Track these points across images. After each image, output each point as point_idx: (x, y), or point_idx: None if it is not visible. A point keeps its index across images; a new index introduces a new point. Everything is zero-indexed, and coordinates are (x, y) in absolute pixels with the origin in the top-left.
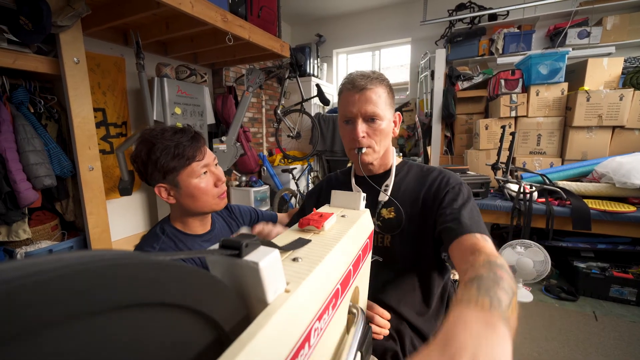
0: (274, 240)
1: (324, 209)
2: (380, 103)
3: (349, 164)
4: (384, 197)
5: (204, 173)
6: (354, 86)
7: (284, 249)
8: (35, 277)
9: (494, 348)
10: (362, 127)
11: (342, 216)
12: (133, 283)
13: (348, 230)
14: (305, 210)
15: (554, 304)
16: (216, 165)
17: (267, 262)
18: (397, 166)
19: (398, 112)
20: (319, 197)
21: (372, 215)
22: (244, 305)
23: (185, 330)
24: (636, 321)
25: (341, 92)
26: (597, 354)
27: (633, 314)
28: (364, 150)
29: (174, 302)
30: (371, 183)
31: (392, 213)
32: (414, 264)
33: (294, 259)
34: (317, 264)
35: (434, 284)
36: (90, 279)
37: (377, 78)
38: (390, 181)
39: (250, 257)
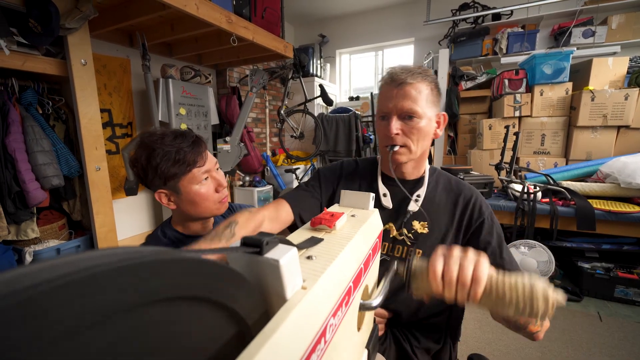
0: (289, 239)
1: (334, 209)
2: (420, 100)
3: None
4: (414, 206)
5: (205, 179)
6: (392, 80)
7: (299, 247)
8: (90, 271)
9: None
10: (396, 124)
11: (352, 216)
12: (172, 278)
13: (358, 229)
14: (315, 183)
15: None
16: (217, 170)
17: (286, 259)
18: (428, 172)
19: (444, 113)
20: (337, 182)
21: (397, 222)
22: (264, 301)
23: (214, 323)
24: None
25: (381, 87)
26: (601, 354)
27: (638, 315)
28: (396, 148)
29: (207, 297)
30: (404, 190)
31: (426, 229)
32: None
33: (309, 257)
34: (331, 262)
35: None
36: (134, 273)
37: (420, 73)
38: (423, 191)
39: (271, 254)
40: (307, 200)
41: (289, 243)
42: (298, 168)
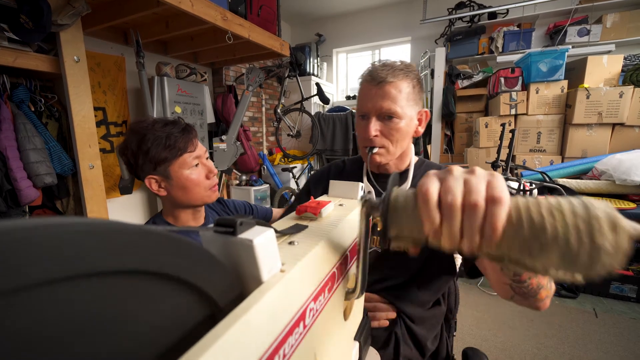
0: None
1: (321, 198)
2: (401, 99)
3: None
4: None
5: (196, 165)
6: (372, 78)
7: (281, 233)
8: (38, 231)
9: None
10: (375, 125)
11: (340, 205)
12: (134, 249)
13: (345, 217)
14: (305, 196)
15: (554, 300)
16: (207, 158)
17: (261, 239)
18: (414, 165)
19: (426, 110)
20: (326, 185)
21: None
22: (239, 284)
23: (180, 303)
24: (636, 318)
25: (360, 84)
26: (597, 350)
27: (633, 311)
28: (375, 149)
29: (171, 273)
30: (380, 190)
31: None
32: (428, 268)
33: (290, 243)
34: (313, 247)
35: (442, 285)
36: (89, 240)
37: (402, 70)
38: (407, 185)
39: (245, 235)
40: None
41: (268, 226)
42: (295, 167)
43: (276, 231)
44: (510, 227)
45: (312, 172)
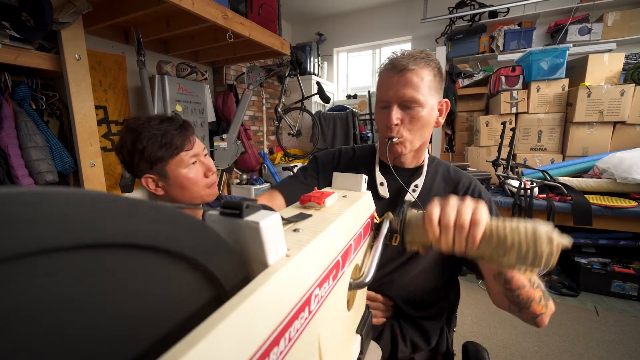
0: None
1: (325, 190)
2: (422, 87)
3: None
4: (410, 196)
5: (193, 163)
6: (393, 66)
7: (285, 220)
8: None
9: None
10: (396, 114)
11: (344, 196)
12: (148, 224)
13: (349, 207)
14: (311, 178)
15: (555, 299)
16: (206, 155)
17: (268, 222)
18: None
19: (446, 100)
20: (334, 170)
21: (395, 211)
22: (245, 267)
23: (186, 281)
24: (638, 316)
25: (381, 73)
26: (598, 348)
27: (635, 309)
28: (395, 139)
29: (179, 251)
30: (400, 182)
31: None
32: (435, 269)
33: (295, 230)
34: (318, 234)
35: (446, 287)
36: (97, 211)
37: (423, 58)
38: (421, 181)
39: (251, 217)
40: (302, 193)
41: (272, 210)
42: (296, 166)
43: (281, 218)
44: (484, 239)
45: (317, 154)
